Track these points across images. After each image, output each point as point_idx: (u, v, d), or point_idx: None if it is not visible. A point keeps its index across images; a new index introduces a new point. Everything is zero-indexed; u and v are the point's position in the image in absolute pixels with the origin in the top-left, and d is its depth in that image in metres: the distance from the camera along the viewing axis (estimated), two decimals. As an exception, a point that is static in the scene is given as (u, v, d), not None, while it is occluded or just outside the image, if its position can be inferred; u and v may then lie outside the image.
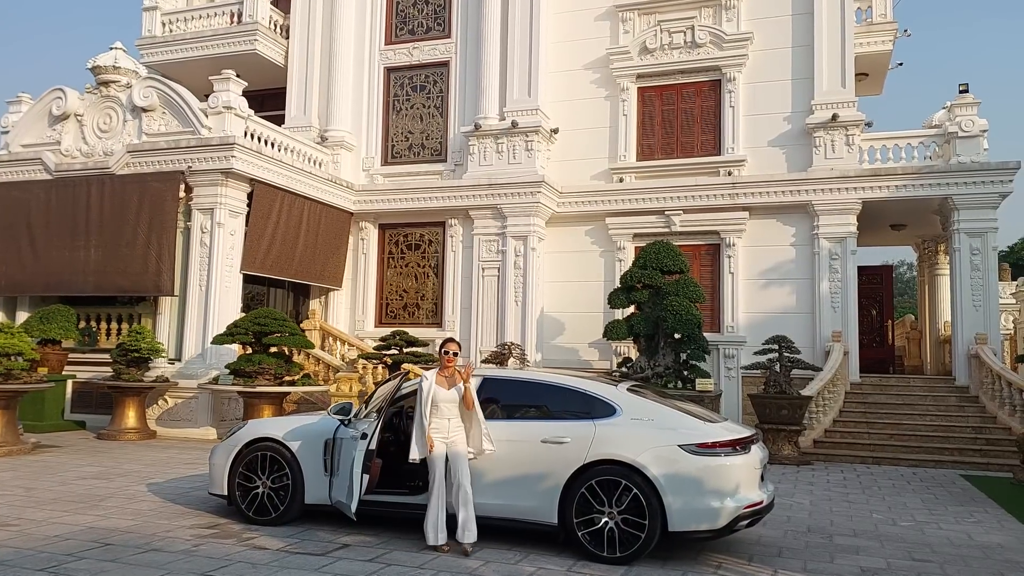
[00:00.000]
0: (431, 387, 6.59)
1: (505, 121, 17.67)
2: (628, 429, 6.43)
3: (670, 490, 6.13)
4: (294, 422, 7.63)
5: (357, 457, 6.52)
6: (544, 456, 6.51)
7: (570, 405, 6.74)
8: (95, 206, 16.00)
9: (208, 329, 15.11)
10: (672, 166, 17.55)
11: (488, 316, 17.56)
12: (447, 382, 6.68)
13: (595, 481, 6.31)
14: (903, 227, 18.98)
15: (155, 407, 15.11)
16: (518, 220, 17.39)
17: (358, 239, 19.21)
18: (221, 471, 7.63)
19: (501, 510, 6.63)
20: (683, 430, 6.38)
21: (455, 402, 6.60)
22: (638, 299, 15.10)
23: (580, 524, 6.31)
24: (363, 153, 19.40)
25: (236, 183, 15.65)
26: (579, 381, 6.94)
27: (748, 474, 6.29)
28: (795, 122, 16.96)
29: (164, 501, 8.46)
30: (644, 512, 6.14)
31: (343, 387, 14.15)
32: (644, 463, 6.20)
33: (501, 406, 6.99)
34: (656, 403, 6.76)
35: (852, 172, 16.10)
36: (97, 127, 16.65)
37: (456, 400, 6.61)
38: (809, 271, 16.55)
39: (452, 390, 6.65)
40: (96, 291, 15.97)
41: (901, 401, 15.17)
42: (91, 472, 10.36)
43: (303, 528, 7.26)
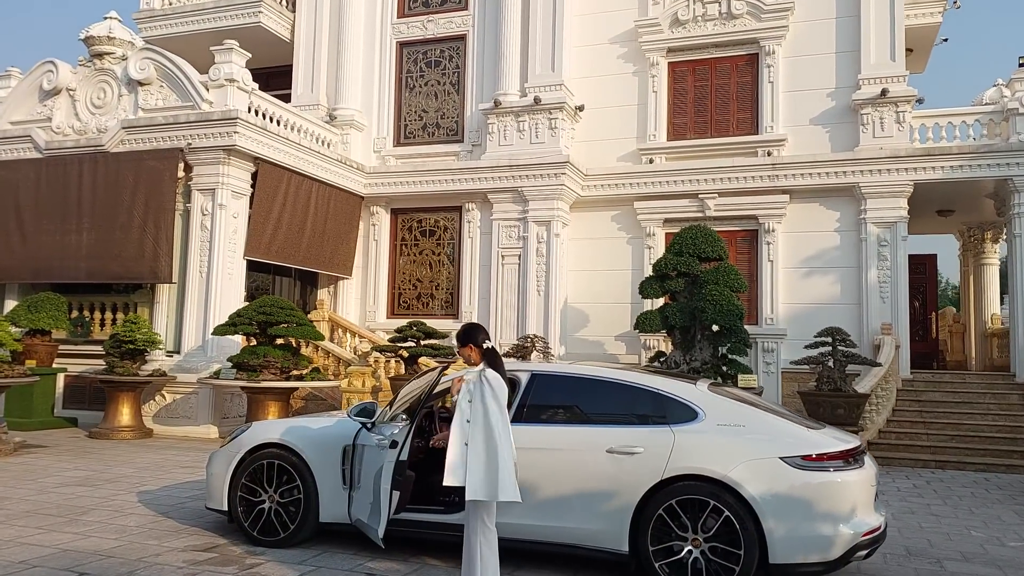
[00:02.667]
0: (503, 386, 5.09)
1: (527, 98, 16.48)
2: (715, 437, 5.28)
3: (771, 513, 4.98)
4: (306, 424, 6.50)
5: (385, 469, 5.32)
6: (610, 469, 5.37)
7: (640, 407, 5.59)
8: (88, 186, 14.87)
9: (209, 319, 13.98)
10: (706, 146, 16.36)
11: (508, 307, 16.41)
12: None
13: (675, 501, 5.17)
14: (950, 213, 17.77)
15: (151, 403, 13.99)
16: (541, 204, 16.22)
17: (369, 225, 18.06)
18: (220, 482, 6.50)
19: (557, 534, 5.49)
20: (784, 439, 5.23)
21: None
22: (672, 288, 13.92)
23: (657, 553, 5.17)
24: (374, 133, 18.24)
25: (239, 162, 14.50)
26: (651, 378, 5.79)
27: (864, 493, 5.15)
28: (840, 98, 15.74)
29: (155, 515, 7.33)
30: (738, 540, 5.00)
31: (355, 382, 13.03)
32: (738, 479, 5.06)
33: (554, 408, 5.84)
34: (747, 405, 5.61)
35: (903, 152, 14.90)
36: (90, 102, 15.51)
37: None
38: (855, 259, 15.36)
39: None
40: (89, 278, 14.85)
41: (959, 399, 14.01)
42: (76, 477, 9.25)
43: (317, 551, 6.13)
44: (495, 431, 4.63)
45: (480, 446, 4.61)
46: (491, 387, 4.72)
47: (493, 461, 4.58)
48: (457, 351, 5.11)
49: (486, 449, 4.60)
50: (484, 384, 4.73)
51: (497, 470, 4.57)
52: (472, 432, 4.65)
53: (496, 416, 4.66)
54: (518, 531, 5.55)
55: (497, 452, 4.59)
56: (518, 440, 5.50)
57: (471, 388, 4.78)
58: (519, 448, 5.48)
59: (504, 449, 4.62)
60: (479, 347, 4.98)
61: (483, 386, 4.72)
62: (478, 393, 4.72)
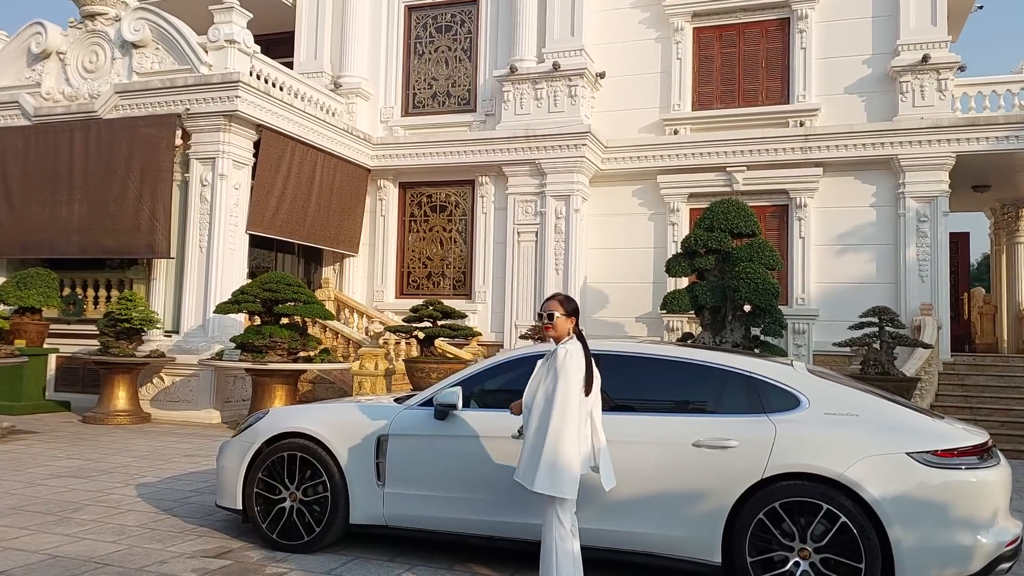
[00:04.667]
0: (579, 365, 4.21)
1: (545, 64, 15.56)
2: (825, 429, 4.47)
3: (898, 519, 4.18)
4: (332, 411, 5.67)
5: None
6: (698, 466, 4.56)
7: (731, 394, 4.77)
8: (79, 155, 13.94)
9: (210, 297, 13.12)
10: (733, 116, 15.49)
11: (524, 287, 15.56)
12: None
13: (779, 504, 4.37)
14: (986, 188, 16.96)
15: (149, 386, 13.14)
16: (559, 177, 15.35)
17: (376, 199, 17.18)
18: (233, 478, 5.66)
19: (631, 541, 4.69)
20: (909, 430, 4.43)
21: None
22: (702, 266, 13.10)
23: (757, 565, 4.37)
24: (381, 103, 17.30)
25: (240, 129, 13.58)
26: (740, 359, 4.97)
27: (1004, 495, 4.36)
28: (876, 66, 14.88)
29: (157, 512, 6.51)
30: (857, 551, 4.20)
31: (367, 364, 12.21)
32: (857, 479, 4.25)
33: (626, 394, 5.03)
34: (858, 391, 4.80)
35: (946, 122, 14.05)
36: (82, 66, 14.55)
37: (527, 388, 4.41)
38: (892, 236, 14.56)
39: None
40: (81, 253, 13.96)
41: (1004, 383, 13.26)
42: (68, 467, 8.41)
43: (347, 557, 5.32)
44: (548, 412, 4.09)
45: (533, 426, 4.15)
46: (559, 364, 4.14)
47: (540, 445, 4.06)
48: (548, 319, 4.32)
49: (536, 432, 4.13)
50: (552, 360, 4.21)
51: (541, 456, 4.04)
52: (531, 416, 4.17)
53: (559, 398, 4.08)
54: (587, 537, 4.73)
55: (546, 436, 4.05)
56: (585, 431, 4.74)
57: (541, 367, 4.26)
58: (587, 440, 4.71)
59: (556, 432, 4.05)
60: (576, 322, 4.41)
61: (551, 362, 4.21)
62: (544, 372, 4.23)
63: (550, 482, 4.00)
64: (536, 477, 4.01)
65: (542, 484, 4.01)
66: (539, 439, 4.03)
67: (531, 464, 4.06)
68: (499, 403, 5.15)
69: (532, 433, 4.10)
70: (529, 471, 4.06)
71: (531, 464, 4.06)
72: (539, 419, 4.07)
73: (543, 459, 4.00)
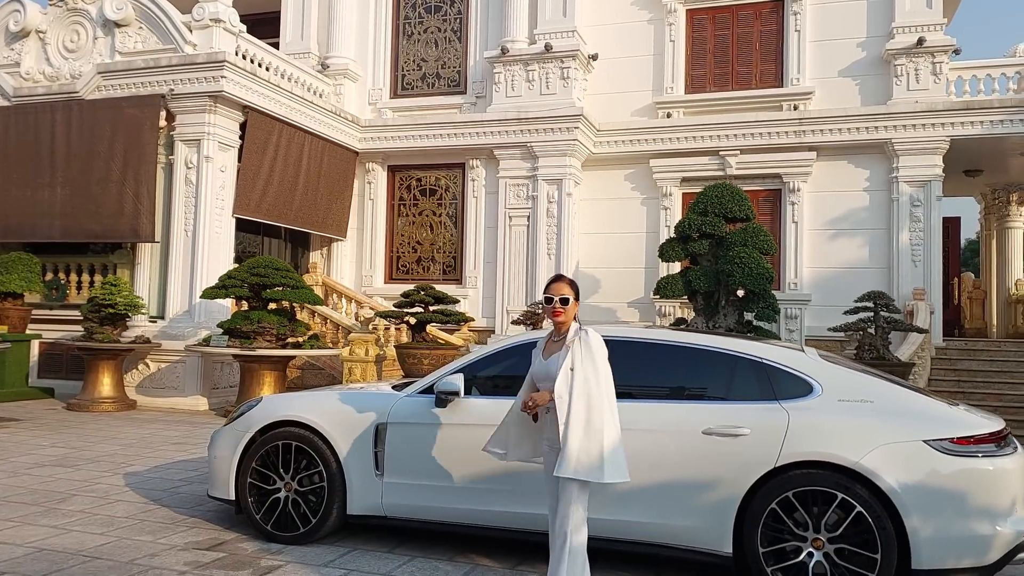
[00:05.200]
0: (536, 354, 4.22)
1: (537, 45, 15.33)
2: (840, 416, 4.35)
3: (916, 509, 4.08)
4: (329, 398, 5.49)
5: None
6: (709, 455, 4.44)
7: (741, 380, 4.64)
8: (61, 137, 13.61)
9: (196, 281, 12.88)
10: (727, 100, 15.33)
11: (516, 272, 15.40)
12: (552, 347, 4.13)
13: (792, 493, 4.25)
14: (978, 173, 16.91)
15: (134, 372, 12.90)
16: (552, 161, 15.15)
17: (364, 183, 16.93)
18: (226, 467, 5.49)
19: (639, 531, 4.57)
20: (926, 417, 4.32)
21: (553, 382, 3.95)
22: (695, 251, 13.00)
23: (769, 556, 4.26)
24: (369, 84, 17.02)
25: (226, 110, 13.29)
26: (750, 344, 4.84)
27: (1021, 484, 4.25)
28: (871, 48, 14.75)
29: (146, 502, 6.33)
30: (873, 541, 4.09)
31: (358, 350, 12.03)
32: (873, 467, 4.14)
33: (634, 381, 4.88)
34: (871, 376, 4.68)
35: (940, 105, 13.96)
36: (63, 45, 14.18)
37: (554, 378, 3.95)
38: (885, 220, 14.49)
39: (552, 359, 4.03)
40: (64, 237, 13.65)
41: (996, 368, 13.27)
42: (53, 456, 8.21)
43: (345, 548, 5.17)
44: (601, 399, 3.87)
45: (582, 419, 3.83)
46: (593, 349, 3.95)
47: (598, 435, 3.82)
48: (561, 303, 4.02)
49: (587, 420, 3.83)
50: (585, 345, 3.95)
51: (602, 446, 3.80)
52: (573, 404, 3.85)
53: (603, 382, 3.91)
54: (593, 528, 4.58)
55: (603, 425, 3.83)
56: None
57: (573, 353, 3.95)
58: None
59: (612, 420, 3.89)
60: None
61: (584, 347, 3.94)
62: (580, 357, 3.91)
63: (616, 469, 3.81)
64: (605, 467, 3.77)
65: (613, 472, 3.79)
66: (593, 427, 3.80)
67: (590, 455, 3.78)
68: (503, 390, 5.01)
69: (581, 422, 3.80)
70: (592, 463, 3.77)
71: (590, 455, 3.78)
72: (587, 407, 3.82)
73: (605, 447, 3.79)
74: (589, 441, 3.78)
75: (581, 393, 3.84)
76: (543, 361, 4.10)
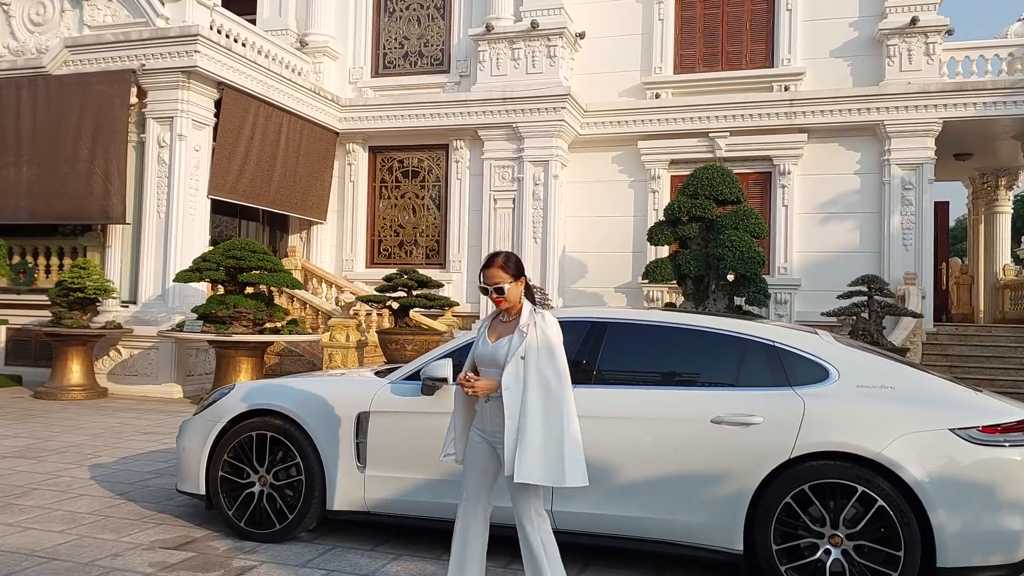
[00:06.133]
0: (481, 332, 3.70)
1: (522, 22, 14.90)
2: (859, 403, 4.04)
3: (942, 503, 3.78)
4: (306, 385, 5.12)
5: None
6: (718, 445, 4.12)
7: (752, 365, 4.31)
8: (27, 114, 13.05)
9: (169, 265, 12.42)
10: (716, 80, 15.01)
11: (501, 255, 14.98)
12: (502, 328, 3.60)
13: (808, 486, 3.94)
14: (968, 157, 16.72)
15: (105, 359, 12.44)
16: (538, 142, 14.77)
17: (344, 164, 16.46)
18: (195, 460, 5.11)
19: (642, 527, 4.24)
20: (951, 404, 4.02)
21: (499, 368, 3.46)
22: (685, 234, 12.70)
23: (782, 554, 3.96)
24: (350, 63, 16.54)
25: (200, 87, 12.79)
26: (762, 327, 4.52)
27: (1053, 474, 3.97)
28: (863, 28, 14.47)
29: (112, 497, 5.93)
30: (896, 537, 3.80)
31: (338, 336, 11.64)
32: (895, 458, 3.84)
33: (637, 366, 4.56)
34: (890, 361, 4.38)
35: (933, 87, 13.72)
36: (28, 19, 13.59)
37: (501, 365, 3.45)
38: (876, 204, 14.26)
39: (500, 343, 3.53)
40: (30, 218, 13.12)
41: (988, 353, 13.11)
42: (16, 447, 7.77)
43: (324, 546, 4.82)
44: (561, 396, 3.38)
45: (539, 415, 3.35)
46: (550, 336, 3.42)
47: (557, 434, 3.34)
48: (497, 293, 3.47)
49: (545, 420, 3.35)
50: (541, 332, 3.42)
51: (563, 446, 3.34)
52: (527, 398, 3.35)
53: (562, 375, 3.41)
54: (590, 523, 4.31)
55: (562, 423, 3.35)
56: (591, 407, 4.28)
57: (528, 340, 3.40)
58: (593, 417, 4.26)
59: (572, 419, 3.39)
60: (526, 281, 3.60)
61: (540, 335, 3.41)
62: (535, 345, 3.39)
63: (576, 471, 3.35)
64: (566, 469, 3.32)
65: (574, 476, 3.34)
66: (551, 425, 3.34)
67: (548, 455, 3.32)
68: (493, 376, 4.66)
69: (537, 419, 3.34)
70: (550, 465, 3.32)
71: (548, 455, 3.32)
72: (543, 402, 3.35)
73: (565, 447, 3.34)
74: (547, 440, 3.33)
75: (536, 386, 3.37)
76: (489, 343, 3.57)
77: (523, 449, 3.31)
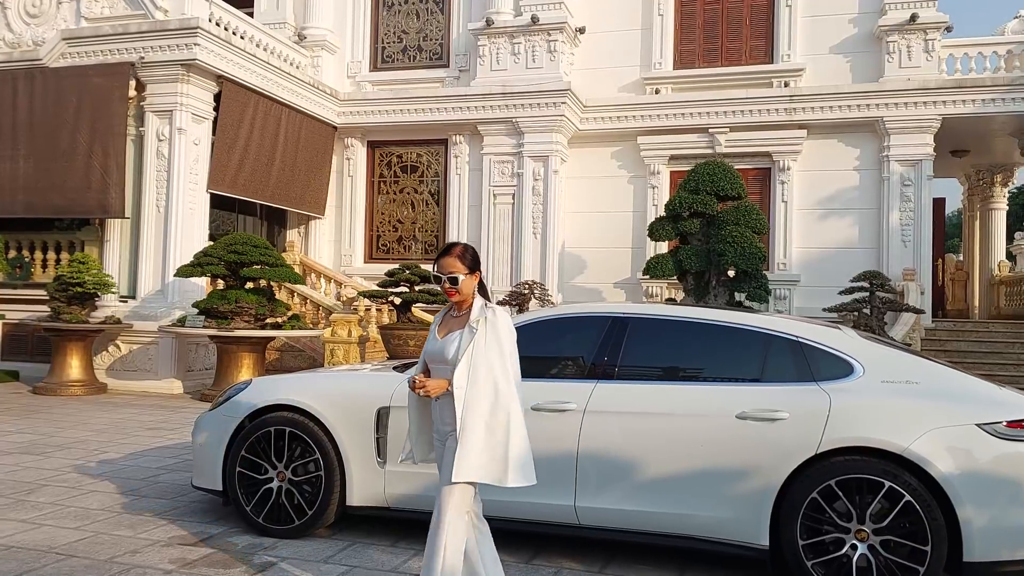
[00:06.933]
0: (433, 329, 3.58)
1: (522, 17, 14.86)
2: (885, 398, 4.05)
3: (969, 498, 3.80)
4: (324, 380, 5.10)
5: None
6: (743, 441, 4.12)
7: (776, 361, 4.31)
8: (23, 107, 12.93)
9: (169, 260, 12.33)
10: (716, 76, 15.01)
11: (501, 251, 15.01)
12: (452, 323, 3.49)
13: (835, 482, 3.94)
14: (965, 153, 16.80)
15: (104, 354, 12.35)
16: (538, 137, 14.75)
17: (343, 159, 16.40)
18: (212, 455, 5.08)
19: (666, 523, 4.24)
20: (977, 399, 4.04)
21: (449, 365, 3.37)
22: (686, 229, 12.71)
23: (808, 549, 3.96)
24: (348, 56, 16.46)
25: (200, 80, 12.70)
26: (785, 322, 4.52)
27: (1077, 470, 3.99)
28: (863, 25, 14.50)
29: (123, 493, 5.89)
30: (923, 532, 3.81)
31: (340, 331, 11.61)
32: (923, 454, 3.85)
33: (660, 361, 4.56)
34: (914, 356, 4.39)
35: (933, 83, 13.77)
36: (24, 11, 13.45)
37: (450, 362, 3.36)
38: (875, 200, 14.31)
39: (449, 338, 3.42)
40: (27, 212, 13.01)
41: (986, 349, 13.20)
42: (19, 443, 7.71)
43: (345, 543, 4.80)
44: (509, 393, 3.28)
45: (484, 413, 3.25)
46: (500, 331, 3.32)
47: (502, 433, 3.25)
48: (450, 283, 3.37)
49: (491, 418, 3.26)
50: (491, 327, 3.32)
51: (507, 446, 3.24)
52: (473, 395, 3.26)
53: (510, 372, 3.30)
54: (613, 519, 4.31)
55: (509, 422, 3.25)
56: (614, 403, 4.28)
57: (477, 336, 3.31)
58: (616, 413, 4.26)
59: (519, 416, 3.29)
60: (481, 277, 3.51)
61: (491, 330, 3.32)
62: (485, 341, 3.29)
63: (522, 471, 3.25)
64: (509, 469, 3.23)
65: (518, 475, 3.24)
66: (498, 423, 3.24)
67: (493, 455, 3.23)
68: (516, 372, 4.66)
69: (483, 417, 3.24)
70: (494, 464, 3.23)
71: (493, 455, 3.23)
72: (491, 400, 3.25)
73: (511, 446, 3.23)
74: (493, 439, 3.23)
75: (485, 383, 3.26)
76: (438, 339, 3.46)
77: (463, 447, 3.22)
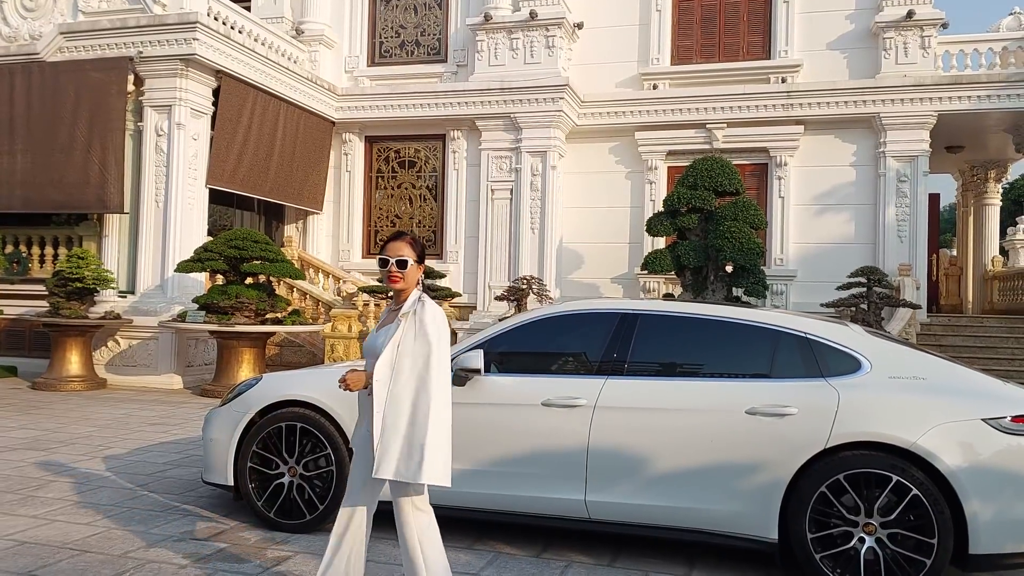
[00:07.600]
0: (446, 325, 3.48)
1: (521, 12, 14.88)
2: (893, 394, 4.12)
3: (975, 492, 3.86)
4: (337, 376, 5.10)
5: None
6: (753, 435, 4.18)
7: (784, 356, 4.37)
8: (21, 102, 12.88)
9: (168, 255, 12.33)
10: (714, 72, 15.06)
11: (499, 246, 15.05)
12: (388, 316, 3.52)
13: (843, 476, 4.01)
14: (959, 149, 16.91)
15: (104, 350, 12.35)
16: (536, 132, 14.78)
17: (341, 154, 16.40)
18: (223, 451, 5.11)
19: (676, 517, 4.30)
20: (983, 394, 4.11)
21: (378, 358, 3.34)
22: (684, 225, 12.79)
23: (817, 542, 4.02)
24: (346, 51, 16.44)
25: (198, 75, 12.68)
26: (794, 319, 4.58)
27: (1080, 464, 4.06)
28: (860, 21, 14.57)
29: (132, 489, 5.92)
30: (930, 525, 3.87)
31: (340, 326, 11.64)
32: (930, 448, 3.92)
33: (670, 358, 4.61)
34: (920, 352, 4.46)
35: (929, 80, 13.85)
36: (21, 4, 13.41)
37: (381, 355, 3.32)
38: (871, 195, 14.40)
39: (381, 331, 3.45)
40: (25, 208, 12.97)
41: (981, 344, 13.31)
42: (23, 439, 7.72)
43: (355, 537, 4.83)
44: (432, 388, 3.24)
45: (405, 408, 3.24)
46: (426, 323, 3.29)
47: (421, 429, 3.21)
48: (395, 273, 3.36)
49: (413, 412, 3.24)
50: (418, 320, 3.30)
51: (425, 442, 3.20)
52: (395, 389, 3.24)
53: (433, 366, 3.25)
54: (623, 513, 4.36)
55: (429, 417, 3.21)
56: (624, 399, 4.34)
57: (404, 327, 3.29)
58: (626, 408, 4.32)
59: (442, 414, 3.26)
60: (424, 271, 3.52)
61: (417, 322, 3.29)
62: (412, 332, 3.27)
63: (436, 469, 3.20)
64: (424, 465, 3.17)
65: (432, 473, 3.17)
66: (418, 418, 3.21)
67: (411, 450, 3.19)
68: (525, 367, 4.75)
69: (405, 412, 3.22)
70: (410, 460, 3.19)
71: (411, 450, 3.19)
72: (412, 393, 3.23)
73: (428, 442, 3.18)
74: (410, 435, 3.20)
75: (406, 376, 3.23)
76: (374, 333, 3.47)
77: (383, 442, 3.20)
